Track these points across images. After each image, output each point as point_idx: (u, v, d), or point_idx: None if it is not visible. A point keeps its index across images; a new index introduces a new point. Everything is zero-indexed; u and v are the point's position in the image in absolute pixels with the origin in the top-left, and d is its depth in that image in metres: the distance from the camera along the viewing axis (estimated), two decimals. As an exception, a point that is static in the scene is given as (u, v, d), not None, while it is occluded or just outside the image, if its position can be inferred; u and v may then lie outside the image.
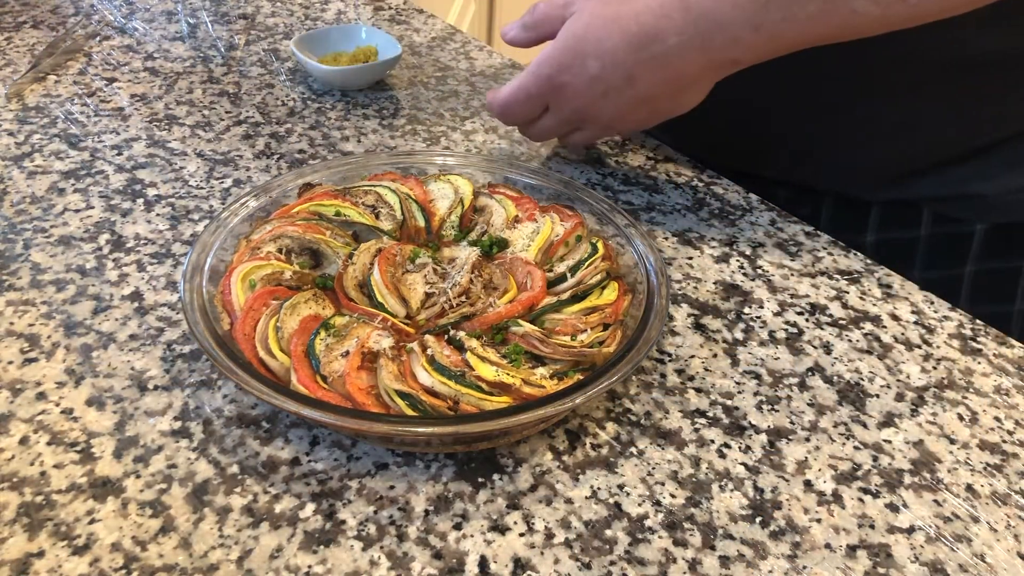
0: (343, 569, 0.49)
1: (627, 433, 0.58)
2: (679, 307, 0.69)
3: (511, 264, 0.65)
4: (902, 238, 0.83)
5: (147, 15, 1.12)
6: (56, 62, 0.98)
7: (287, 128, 0.89)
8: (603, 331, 0.60)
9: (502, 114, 0.77)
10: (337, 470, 0.54)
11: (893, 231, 0.83)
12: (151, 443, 0.55)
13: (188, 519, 0.50)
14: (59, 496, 0.51)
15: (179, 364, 0.61)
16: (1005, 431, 0.60)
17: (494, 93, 0.76)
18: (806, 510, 0.53)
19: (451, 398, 0.54)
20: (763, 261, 0.74)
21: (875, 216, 0.84)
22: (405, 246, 0.65)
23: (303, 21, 1.13)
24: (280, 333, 0.57)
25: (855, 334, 0.67)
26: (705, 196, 0.82)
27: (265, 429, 0.56)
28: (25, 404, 0.57)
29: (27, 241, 0.72)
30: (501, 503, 0.53)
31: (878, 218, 0.84)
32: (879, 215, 0.84)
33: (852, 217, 0.84)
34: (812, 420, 0.59)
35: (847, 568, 0.50)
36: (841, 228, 0.81)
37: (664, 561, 0.50)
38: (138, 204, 0.77)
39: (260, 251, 0.63)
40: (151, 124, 0.89)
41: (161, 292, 0.67)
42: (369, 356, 0.56)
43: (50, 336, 0.63)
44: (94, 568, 0.48)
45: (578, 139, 0.80)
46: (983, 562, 0.51)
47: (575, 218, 0.69)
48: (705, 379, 0.62)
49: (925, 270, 0.82)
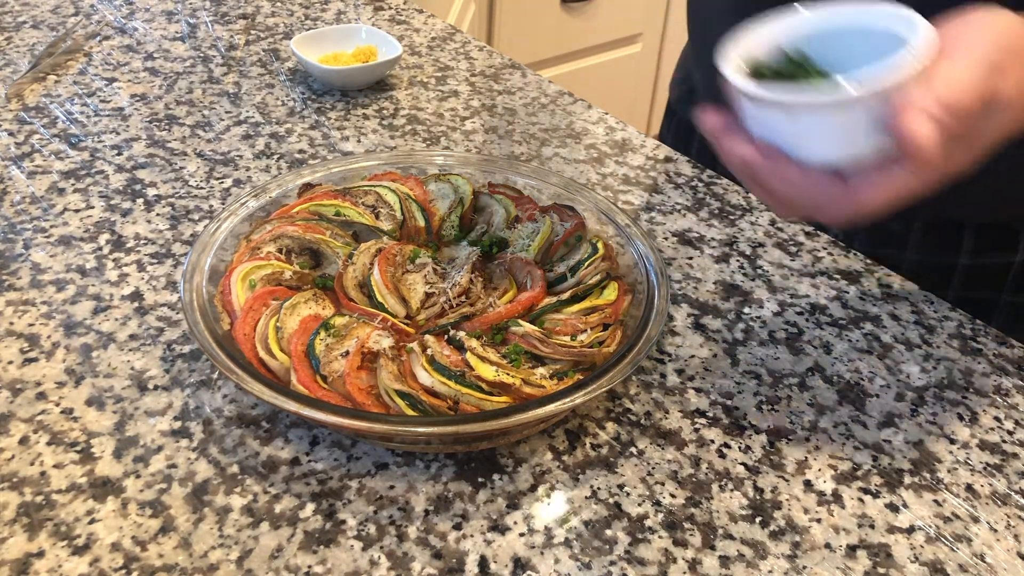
0: (343, 569, 0.48)
1: (627, 433, 0.58)
2: (679, 307, 0.69)
3: (511, 264, 0.65)
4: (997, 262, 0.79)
5: (147, 15, 1.12)
6: (56, 62, 0.98)
7: (287, 128, 0.89)
8: (603, 331, 0.60)
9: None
10: (337, 470, 0.54)
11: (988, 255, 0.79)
12: (151, 443, 0.55)
13: (188, 519, 0.50)
14: (59, 496, 0.51)
15: (179, 364, 0.61)
16: (1005, 431, 0.60)
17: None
18: (806, 510, 0.53)
19: (451, 398, 0.54)
20: (763, 261, 0.74)
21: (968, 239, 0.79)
22: (405, 246, 0.65)
23: (303, 21, 1.13)
24: (280, 333, 0.57)
25: (855, 334, 0.67)
26: (705, 196, 0.82)
27: (265, 429, 0.56)
28: (25, 404, 0.57)
29: (27, 241, 0.72)
30: (501, 503, 0.53)
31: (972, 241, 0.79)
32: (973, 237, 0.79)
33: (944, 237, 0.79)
34: (812, 420, 0.59)
35: (847, 568, 0.50)
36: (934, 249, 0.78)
37: (664, 561, 0.50)
38: (138, 204, 0.77)
39: (260, 251, 0.63)
40: (151, 124, 0.89)
41: (161, 292, 0.67)
42: (369, 356, 0.56)
43: (50, 336, 0.63)
44: (94, 568, 0.48)
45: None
46: (983, 562, 0.51)
47: (575, 218, 0.69)
48: (705, 379, 0.62)
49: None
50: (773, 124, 0.49)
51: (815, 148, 0.48)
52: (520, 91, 0.98)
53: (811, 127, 0.47)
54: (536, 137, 0.90)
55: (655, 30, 2.37)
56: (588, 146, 0.89)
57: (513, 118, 0.93)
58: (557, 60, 2.20)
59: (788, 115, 0.47)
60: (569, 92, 0.99)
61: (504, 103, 0.96)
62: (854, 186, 0.48)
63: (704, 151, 0.89)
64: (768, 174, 0.49)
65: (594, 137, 0.91)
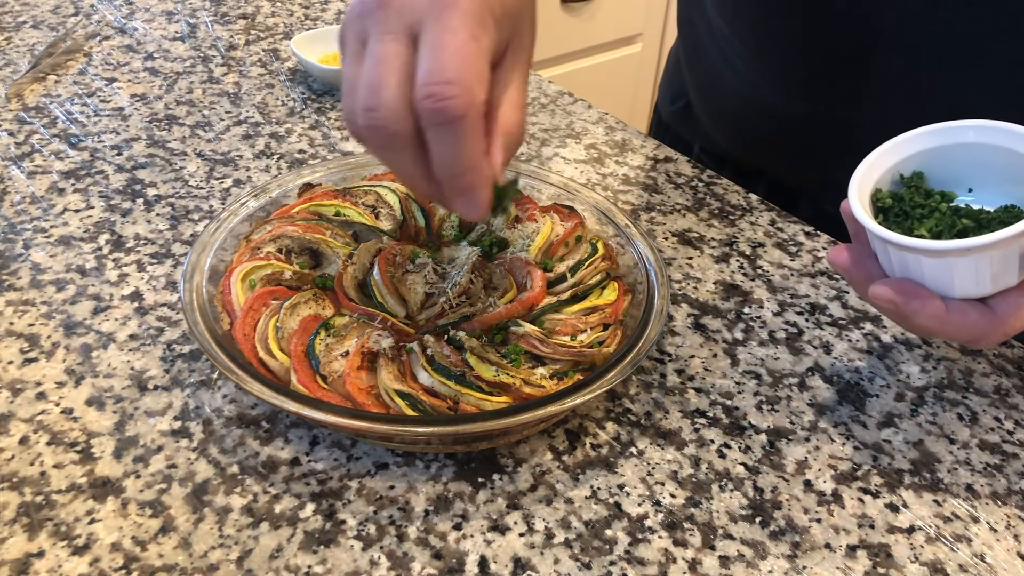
0: (343, 569, 0.48)
1: (627, 433, 0.58)
2: (679, 307, 0.69)
3: (511, 264, 0.65)
4: None
5: (147, 15, 1.12)
6: (56, 62, 0.98)
7: (287, 128, 0.89)
8: (603, 331, 0.60)
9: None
10: (337, 470, 0.54)
11: None
12: (151, 443, 0.55)
13: (188, 519, 0.50)
14: (59, 496, 0.51)
15: (179, 364, 0.61)
16: (1005, 431, 0.60)
17: None
18: (806, 510, 0.53)
19: (451, 398, 0.54)
20: (763, 261, 0.74)
21: None
22: (405, 246, 0.65)
23: (303, 21, 1.13)
24: (280, 333, 0.57)
25: (855, 334, 0.67)
26: (705, 196, 0.82)
27: (265, 429, 0.56)
28: (25, 404, 0.57)
29: (27, 241, 0.72)
30: (501, 503, 0.53)
31: None
32: None
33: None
34: (812, 420, 0.59)
35: (847, 568, 0.50)
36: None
37: (664, 561, 0.50)
38: (138, 204, 0.77)
39: (260, 251, 0.63)
40: (151, 124, 0.89)
41: (161, 292, 0.67)
42: (369, 356, 0.56)
43: (50, 336, 0.62)
44: (94, 568, 0.48)
45: None
46: (983, 562, 0.51)
47: (575, 218, 0.69)
48: (705, 379, 0.62)
49: None
50: (913, 265, 0.49)
51: (959, 285, 0.48)
52: (520, 91, 0.98)
53: (956, 267, 0.47)
54: (536, 137, 0.90)
55: (655, 30, 2.37)
56: (588, 146, 0.89)
57: (513, 118, 0.93)
58: (557, 60, 2.20)
59: (932, 259, 0.47)
60: (569, 92, 0.99)
61: (504, 103, 0.96)
62: (1000, 314, 0.48)
63: (701, 163, 0.89)
64: (911, 312, 0.49)
65: (594, 137, 0.91)
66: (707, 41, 0.86)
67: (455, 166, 0.45)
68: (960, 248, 0.46)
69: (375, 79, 0.44)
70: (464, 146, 0.44)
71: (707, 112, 0.91)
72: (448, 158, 0.45)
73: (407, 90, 0.44)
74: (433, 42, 0.43)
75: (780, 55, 0.78)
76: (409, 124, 0.44)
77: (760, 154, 0.88)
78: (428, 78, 0.43)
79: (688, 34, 0.92)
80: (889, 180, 0.53)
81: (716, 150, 0.92)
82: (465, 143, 0.44)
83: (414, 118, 0.44)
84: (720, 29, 0.83)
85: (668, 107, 0.99)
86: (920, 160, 0.52)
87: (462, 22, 0.44)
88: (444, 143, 0.44)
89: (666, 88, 1.01)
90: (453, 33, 0.43)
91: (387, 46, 0.44)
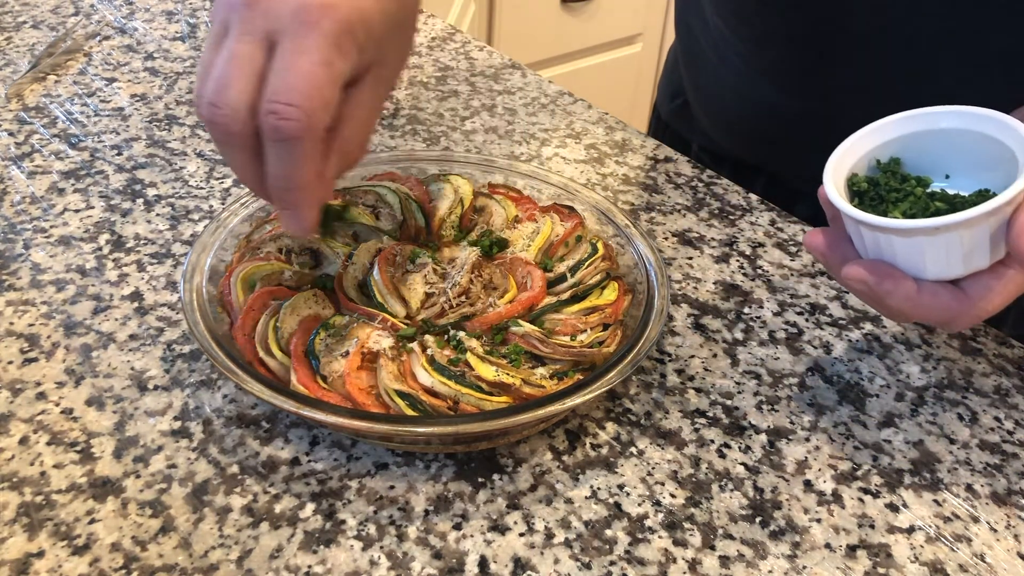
0: (343, 569, 0.49)
1: (627, 433, 0.58)
2: (679, 307, 0.69)
3: (511, 264, 0.65)
4: None
5: (147, 15, 1.12)
6: (56, 62, 0.98)
7: (287, 128, 0.89)
8: (603, 331, 0.60)
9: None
10: (337, 470, 0.54)
11: None
12: (151, 443, 0.55)
13: (188, 519, 0.50)
14: (59, 496, 0.51)
15: (179, 364, 0.61)
16: (1005, 431, 0.60)
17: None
18: (806, 510, 0.53)
19: (451, 398, 0.54)
20: (763, 261, 0.74)
21: None
22: (405, 246, 0.65)
23: (303, 21, 1.13)
24: (280, 333, 0.57)
25: (855, 334, 0.67)
26: (705, 196, 0.82)
27: (265, 429, 0.56)
28: (25, 404, 0.57)
29: (27, 241, 0.72)
30: (501, 503, 0.53)
31: None
32: None
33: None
34: (812, 420, 0.59)
35: (847, 568, 0.50)
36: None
37: (664, 561, 0.50)
38: (138, 204, 0.77)
39: (260, 251, 0.63)
40: (151, 124, 0.89)
41: (161, 292, 0.67)
42: (369, 356, 0.56)
43: (50, 336, 0.62)
44: (94, 568, 0.48)
45: None
46: (983, 562, 0.51)
47: (575, 218, 0.69)
48: (705, 379, 0.62)
49: None
50: (886, 246, 0.49)
51: (931, 267, 0.48)
52: (520, 91, 0.98)
53: (926, 247, 0.47)
54: (536, 137, 0.90)
55: (655, 30, 2.37)
56: (588, 146, 0.89)
57: (513, 118, 0.93)
58: (557, 60, 2.20)
59: (903, 238, 0.47)
60: (569, 92, 0.99)
61: (504, 103, 0.96)
62: (972, 296, 0.48)
63: (700, 163, 0.89)
64: (884, 293, 0.49)
65: (594, 137, 0.91)
66: (704, 42, 0.87)
67: (286, 181, 0.46)
68: (929, 227, 0.46)
69: (224, 76, 0.45)
70: (297, 166, 0.45)
71: (705, 111, 0.91)
72: (280, 172, 0.46)
73: (253, 95, 0.45)
74: (285, 60, 0.44)
75: (779, 51, 0.78)
76: (249, 128, 0.45)
77: (759, 151, 0.88)
78: (273, 96, 0.44)
79: (685, 36, 0.92)
80: (866, 165, 0.53)
81: (714, 148, 0.93)
82: (298, 163, 0.45)
83: (255, 122, 0.45)
84: (718, 28, 0.83)
85: (667, 105, 1.00)
86: (897, 146, 0.52)
87: (318, 45, 0.44)
88: (279, 158, 0.46)
89: (665, 86, 1.01)
90: (307, 55, 0.44)
91: (243, 46, 0.45)
